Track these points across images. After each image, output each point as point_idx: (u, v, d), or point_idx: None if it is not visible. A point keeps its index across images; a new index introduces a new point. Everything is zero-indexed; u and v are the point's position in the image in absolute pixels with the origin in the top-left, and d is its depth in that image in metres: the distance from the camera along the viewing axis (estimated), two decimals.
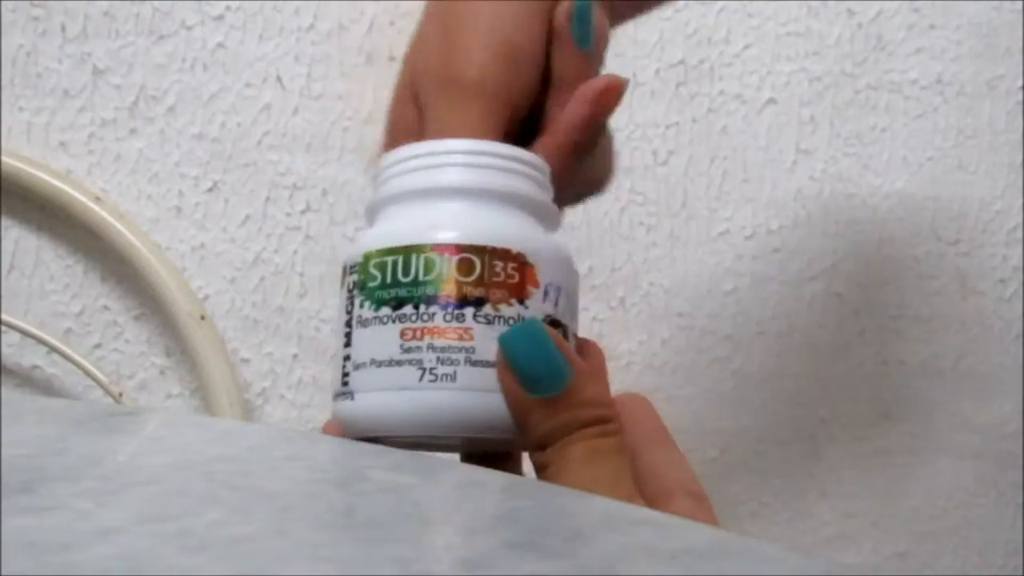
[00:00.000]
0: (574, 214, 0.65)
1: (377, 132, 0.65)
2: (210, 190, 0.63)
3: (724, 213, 0.67)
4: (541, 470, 0.31)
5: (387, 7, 0.64)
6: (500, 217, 0.32)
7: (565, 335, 0.32)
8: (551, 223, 0.35)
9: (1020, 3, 0.69)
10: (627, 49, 0.66)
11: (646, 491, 0.32)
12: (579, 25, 0.36)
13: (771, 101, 0.67)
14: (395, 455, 0.26)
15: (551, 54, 0.37)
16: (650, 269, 0.66)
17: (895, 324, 0.68)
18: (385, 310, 0.31)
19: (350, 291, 0.33)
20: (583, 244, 0.65)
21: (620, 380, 0.64)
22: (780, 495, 0.67)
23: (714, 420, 0.66)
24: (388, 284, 0.31)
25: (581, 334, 0.35)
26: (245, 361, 0.63)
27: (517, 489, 0.24)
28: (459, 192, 0.33)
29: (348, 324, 0.32)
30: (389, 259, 0.31)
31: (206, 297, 0.62)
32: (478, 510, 0.22)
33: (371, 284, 0.32)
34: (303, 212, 0.63)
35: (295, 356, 0.63)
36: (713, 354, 0.67)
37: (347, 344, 0.32)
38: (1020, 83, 0.69)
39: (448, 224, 0.32)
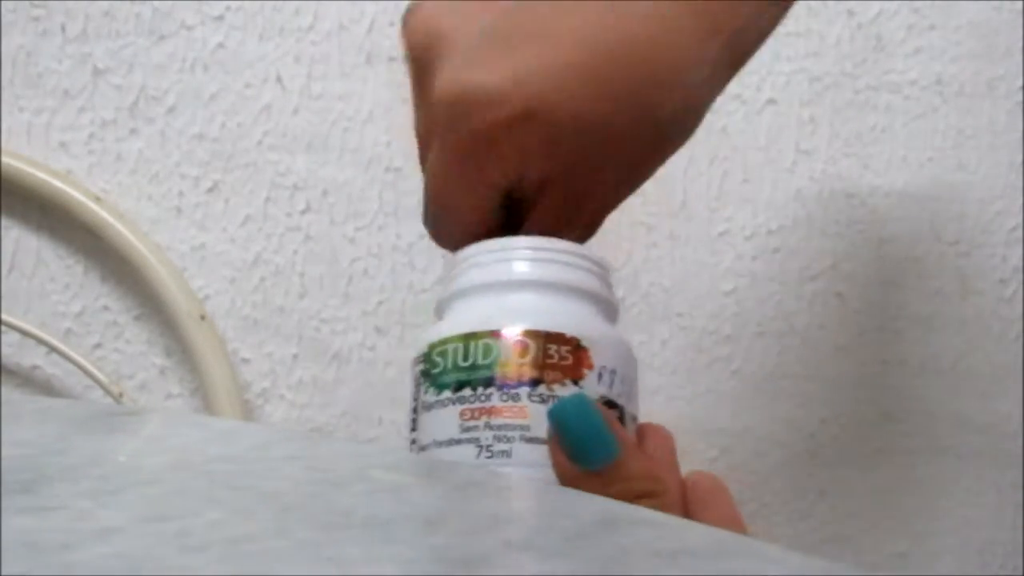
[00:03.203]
0: None
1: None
2: (210, 190, 0.63)
3: (724, 213, 0.67)
4: None
5: (387, 7, 0.64)
6: (555, 305, 0.34)
7: (621, 417, 0.33)
8: (609, 315, 0.37)
9: (1020, 3, 0.69)
10: None
11: None
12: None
13: (771, 101, 0.67)
14: (395, 455, 0.26)
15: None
16: (650, 269, 0.66)
17: (895, 324, 0.68)
18: (447, 393, 0.33)
19: (416, 380, 0.35)
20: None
21: None
22: (780, 495, 0.67)
23: (714, 420, 0.66)
24: (449, 369, 0.33)
25: None
26: (245, 361, 0.63)
27: (517, 489, 0.24)
28: (517, 284, 0.35)
29: (414, 411, 0.35)
30: (450, 347, 0.34)
31: (206, 297, 0.62)
32: (478, 510, 0.22)
33: (434, 371, 0.34)
34: (303, 212, 0.63)
35: (295, 356, 0.63)
36: (713, 354, 0.67)
37: (413, 428, 0.34)
38: (1020, 83, 0.69)
39: (505, 313, 0.34)
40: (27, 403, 0.40)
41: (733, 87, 0.67)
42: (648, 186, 0.67)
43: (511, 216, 0.37)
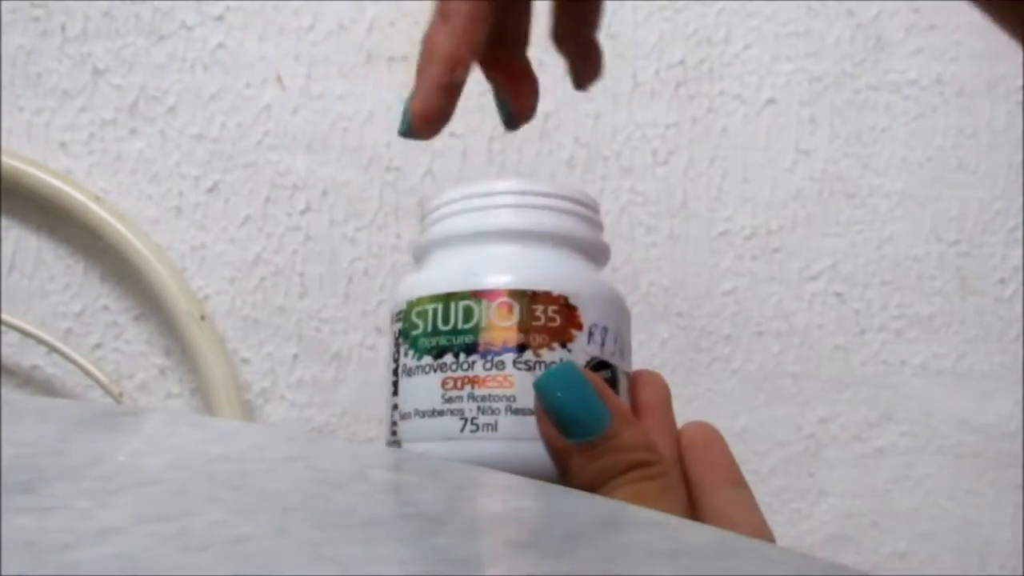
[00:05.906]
0: None
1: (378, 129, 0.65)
2: (210, 190, 0.63)
3: (724, 213, 0.67)
4: None
5: (387, 7, 0.64)
6: (541, 258, 0.32)
7: (614, 376, 0.32)
8: (599, 259, 0.34)
9: None
10: (627, 49, 0.66)
11: None
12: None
13: (771, 101, 0.67)
14: (395, 455, 0.26)
15: None
16: (650, 269, 0.66)
17: (895, 324, 0.68)
18: (427, 359, 0.31)
19: (396, 339, 0.32)
20: None
21: None
22: (780, 495, 0.67)
23: (714, 420, 0.66)
24: (430, 333, 0.31)
25: None
26: (245, 361, 0.63)
27: (517, 489, 0.24)
28: (500, 235, 0.32)
29: (395, 373, 0.32)
30: (430, 307, 0.31)
31: (206, 297, 0.62)
32: (478, 510, 0.22)
33: (414, 333, 0.31)
34: (303, 212, 0.63)
35: (295, 356, 0.63)
36: (713, 354, 0.67)
37: (394, 393, 0.32)
38: (1020, 83, 0.69)
39: (486, 269, 0.31)
40: (27, 403, 0.40)
41: (733, 87, 0.68)
42: (648, 186, 0.67)
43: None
